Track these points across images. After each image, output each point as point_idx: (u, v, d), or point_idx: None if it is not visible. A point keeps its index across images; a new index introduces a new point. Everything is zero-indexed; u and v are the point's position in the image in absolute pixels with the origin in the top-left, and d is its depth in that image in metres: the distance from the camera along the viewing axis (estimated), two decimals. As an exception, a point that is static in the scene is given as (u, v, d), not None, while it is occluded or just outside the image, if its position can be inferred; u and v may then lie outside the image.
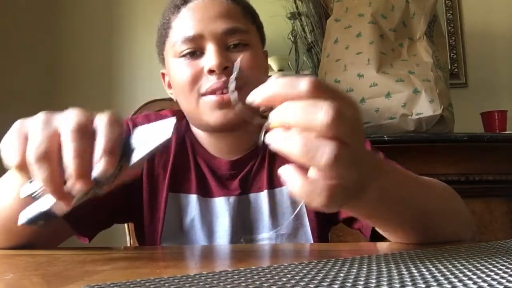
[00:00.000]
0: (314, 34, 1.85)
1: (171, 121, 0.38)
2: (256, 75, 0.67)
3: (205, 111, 0.67)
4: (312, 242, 0.71)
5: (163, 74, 0.79)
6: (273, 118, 0.34)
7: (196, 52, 0.68)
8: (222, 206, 0.71)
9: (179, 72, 0.68)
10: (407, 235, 0.53)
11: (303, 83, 0.33)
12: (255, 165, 0.73)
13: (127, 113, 0.99)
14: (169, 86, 0.76)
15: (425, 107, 1.30)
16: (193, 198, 0.71)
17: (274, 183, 0.72)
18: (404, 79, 1.33)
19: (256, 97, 0.35)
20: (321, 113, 0.32)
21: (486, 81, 1.89)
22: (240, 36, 0.68)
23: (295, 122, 0.33)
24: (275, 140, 0.34)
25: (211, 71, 0.65)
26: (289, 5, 1.88)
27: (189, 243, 0.70)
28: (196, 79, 0.67)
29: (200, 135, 0.75)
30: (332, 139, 0.32)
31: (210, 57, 0.65)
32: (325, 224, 0.74)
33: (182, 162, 0.73)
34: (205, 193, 0.72)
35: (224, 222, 0.70)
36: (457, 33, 1.92)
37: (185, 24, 0.69)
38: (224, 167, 0.73)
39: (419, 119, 1.31)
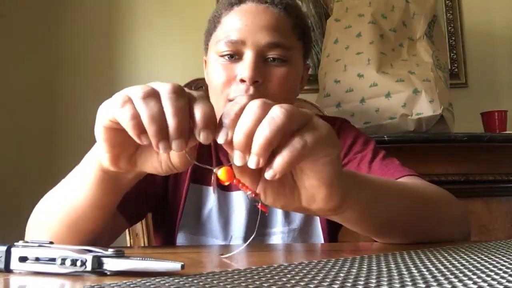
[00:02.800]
0: (314, 34, 1.85)
1: None
2: (282, 93, 0.70)
3: None
4: (321, 237, 0.74)
5: (205, 61, 0.81)
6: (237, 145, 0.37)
7: (235, 55, 0.69)
8: (239, 200, 0.74)
9: (215, 72, 0.71)
10: (395, 241, 0.55)
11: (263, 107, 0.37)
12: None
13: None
14: None
15: (425, 107, 1.30)
16: (212, 191, 0.74)
17: None
18: (404, 79, 1.33)
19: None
20: (276, 111, 0.36)
21: (486, 81, 1.89)
22: (281, 52, 0.69)
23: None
24: (271, 171, 0.36)
25: (242, 81, 0.68)
26: (289, 5, 1.88)
27: (206, 233, 0.73)
28: (227, 83, 0.69)
29: None
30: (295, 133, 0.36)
31: (245, 67, 0.67)
32: (334, 222, 0.75)
33: (205, 156, 0.76)
34: (224, 187, 0.75)
35: (241, 215, 0.73)
36: (457, 33, 1.92)
37: (232, 26, 0.70)
38: None
39: (419, 119, 1.31)
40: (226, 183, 0.41)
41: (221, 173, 0.40)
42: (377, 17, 1.41)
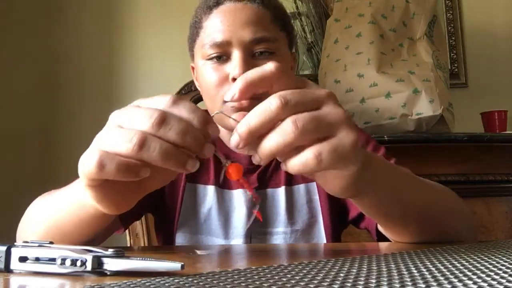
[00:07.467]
0: (314, 34, 1.85)
1: None
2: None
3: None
4: (324, 239, 0.74)
5: (192, 68, 0.82)
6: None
7: (222, 56, 0.70)
8: (239, 198, 0.74)
9: (206, 75, 0.71)
10: (408, 231, 0.54)
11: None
12: (273, 162, 0.76)
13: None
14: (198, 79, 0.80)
15: (425, 107, 1.30)
16: (211, 189, 0.75)
17: (292, 180, 0.76)
18: (404, 79, 1.33)
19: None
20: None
21: (486, 81, 1.89)
22: (267, 45, 0.70)
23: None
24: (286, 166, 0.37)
25: (234, 79, 0.68)
26: (289, 5, 1.88)
27: (205, 232, 0.73)
28: (220, 84, 0.69)
29: (222, 132, 0.78)
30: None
31: (235, 66, 0.67)
32: (338, 222, 0.76)
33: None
34: (223, 185, 0.75)
35: (241, 213, 0.73)
36: (457, 33, 1.92)
37: (214, 28, 0.70)
38: (243, 161, 0.75)
39: (419, 119, 1.31)
40: (234, 179, 0.41)
41: (231, 168, 0.41)
42: (377, 17, 1.41)
